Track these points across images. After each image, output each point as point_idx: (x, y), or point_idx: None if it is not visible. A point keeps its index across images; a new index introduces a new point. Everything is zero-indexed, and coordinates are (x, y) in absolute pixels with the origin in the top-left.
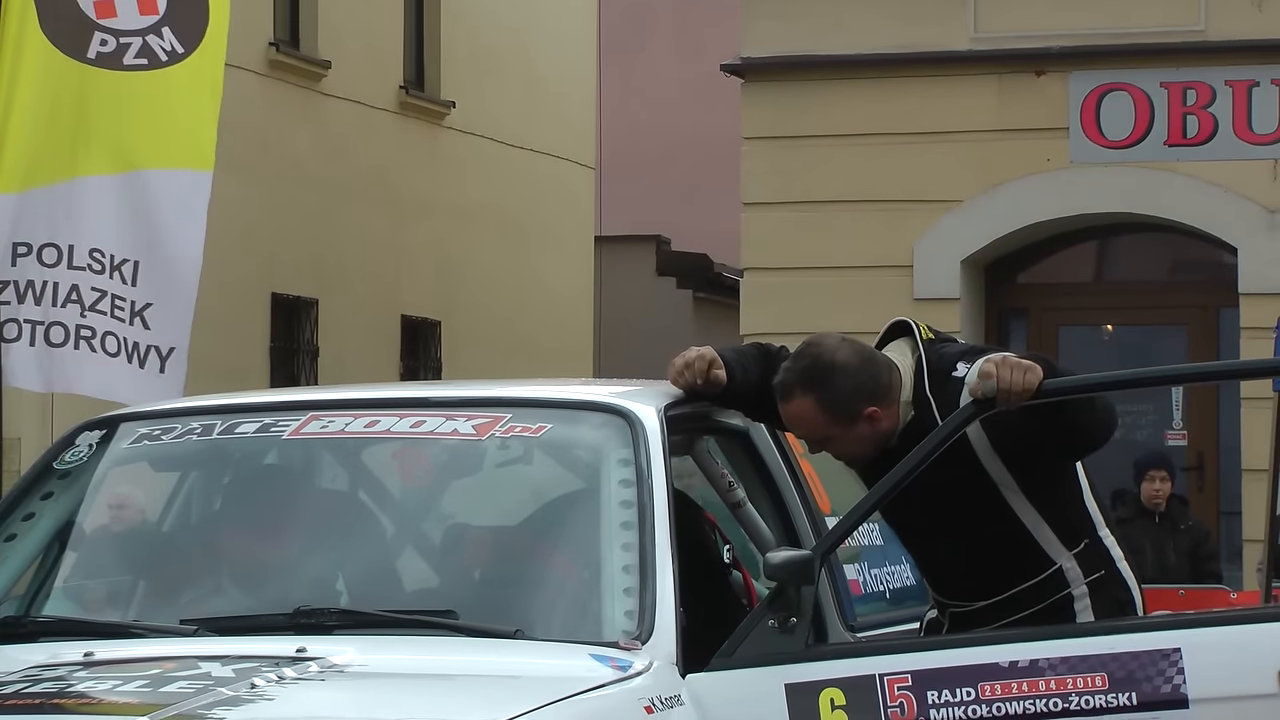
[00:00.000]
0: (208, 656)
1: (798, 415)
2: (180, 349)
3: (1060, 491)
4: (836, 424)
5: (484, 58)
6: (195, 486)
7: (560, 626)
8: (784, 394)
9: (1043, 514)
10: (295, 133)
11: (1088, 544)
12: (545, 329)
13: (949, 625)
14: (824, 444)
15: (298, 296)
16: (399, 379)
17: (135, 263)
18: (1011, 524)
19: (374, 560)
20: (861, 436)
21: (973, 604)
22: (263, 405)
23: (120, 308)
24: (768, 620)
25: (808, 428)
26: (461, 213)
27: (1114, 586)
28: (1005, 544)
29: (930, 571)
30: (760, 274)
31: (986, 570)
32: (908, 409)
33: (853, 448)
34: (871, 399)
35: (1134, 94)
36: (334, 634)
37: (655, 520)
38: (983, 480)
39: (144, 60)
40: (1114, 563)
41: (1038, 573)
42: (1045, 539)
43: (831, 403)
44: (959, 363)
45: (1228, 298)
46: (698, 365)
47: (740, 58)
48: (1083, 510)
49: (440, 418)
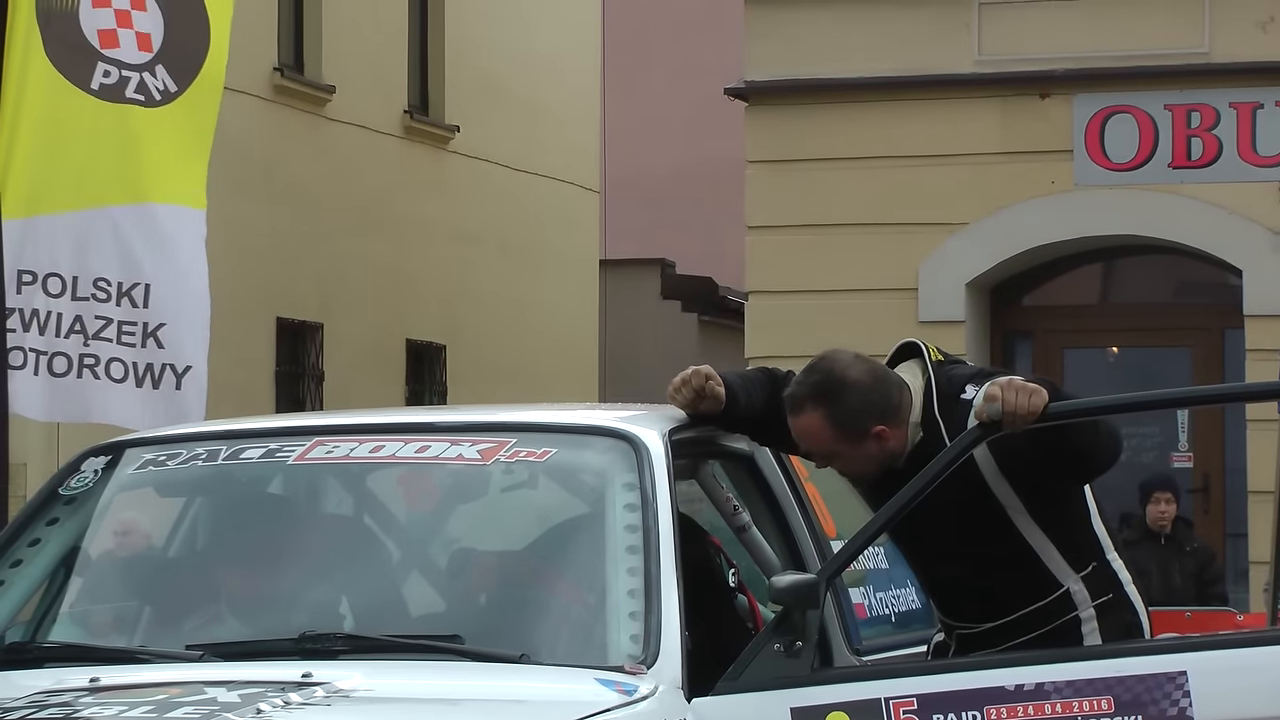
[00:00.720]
0: (213, 682)
1: (806, 429)
2: (198, 367)
3: (1067, 514)
4: (844, 440)
5: (488, 82)
6: (200, 512)
7: (566, 651)
8: (794, 407)
9: (1050, 536)
10: (299, 157)
11: (1095, 566)
12: (550, 353)
13: (955, 647)
14: (830, 460)
15: (303, 321)
16: (404, 403)
17: (146, 285)
18: (1018, 545)
19: (379, 585)
20: (869, 455)
21: (979, 626)
22: (268, 430)
23: (129, 333)
24: (773, 644)
25: (815, 442)
26: (466, 237)
27: (1122, 610)
28: (1012, 566)
29: (936, 593)
30: (765, 297)
31: (993, 592)
32: (916, 430)
33: (859, 465)
34: (881, 418)
35: (1138, 116)
36: (339, 659)
37: (660, 544)
38: (990, 502)
39: (141, 97)
40: (1122, 586)
41: (1045, 595)
42: (1052, 561)
43: (841, 419)
44: (968, 385)
45: (1233, 320)
46: (694, 381)
47: (743, 81)
48: (1090, 533)
49: (445, 442)
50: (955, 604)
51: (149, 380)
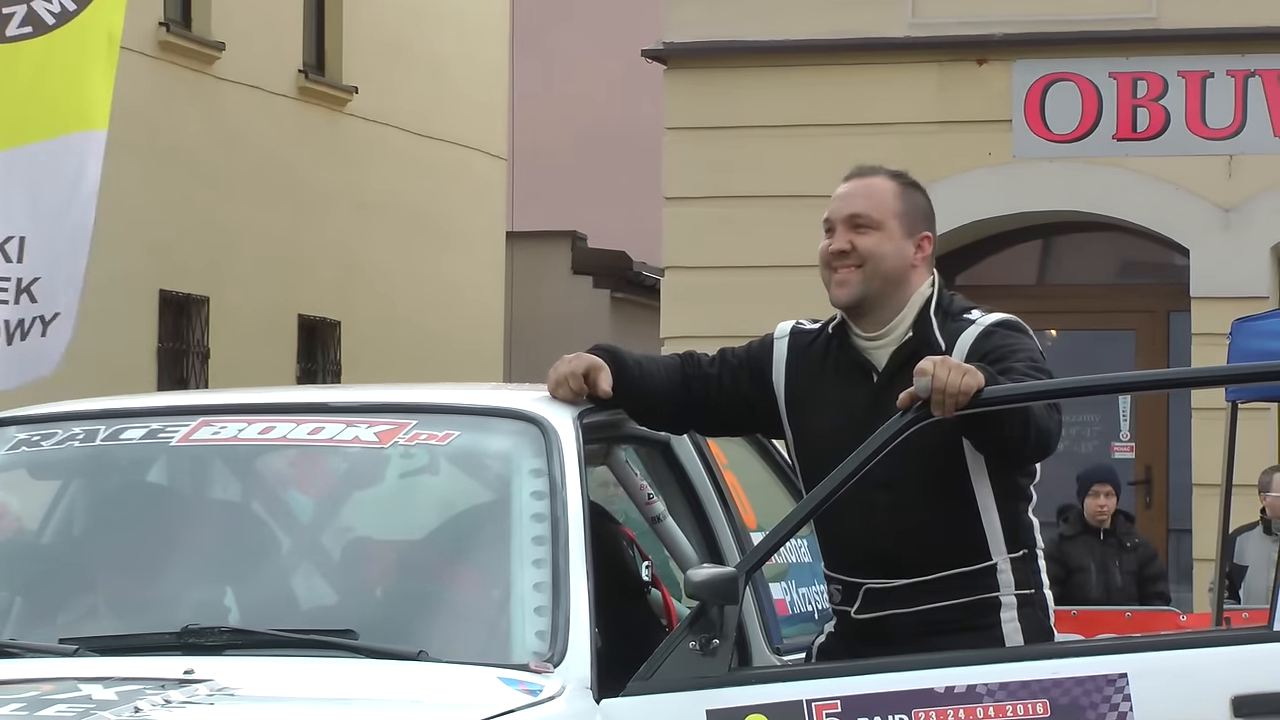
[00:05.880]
0: (89, 678)
1: (872, 186)
2: (66, 314)
3: (1019, 488)
4: (897, 220)
5: (389, 40)
6: (77, 496)
7: (467, 648)
8: (865, 170)
9: (997, 502)
10: (186, 119)
11: (1026, 555)
12: (453, 330)
13: (860, 604)
14: (862, 232)
15: (188, 294)
16: (296, 382)
17: (21, 238)
18: (964, 496)
19: (268, 576)
20: (902, 255)
21: (893, 581)
22: (150, 410)
23: (3, 289)
24: (689, 642)
25: (874, 201)
26: (364, 205)
27: (1041, 610)
28: (950, 515)
29: (851, 537)
30: (682, 273)
31: (919, 538)
32: (906, 329)
33: (884, 260)
34: (931, 231)
35: (1081, 85)
36: (224, 654)
37: (569, 535)
38: (956, 443)
39: (29, 29)
40: (1043, 585)
41: (972, 562)
42: (991, 529)
43: (909, 200)
44: (973, 309)
45: (1179, 302)
46: (572, 383)
47: (663, 43)
48: (1029, 519)
49: (340, 424)
50: (872, 550)
51: (18, 336)
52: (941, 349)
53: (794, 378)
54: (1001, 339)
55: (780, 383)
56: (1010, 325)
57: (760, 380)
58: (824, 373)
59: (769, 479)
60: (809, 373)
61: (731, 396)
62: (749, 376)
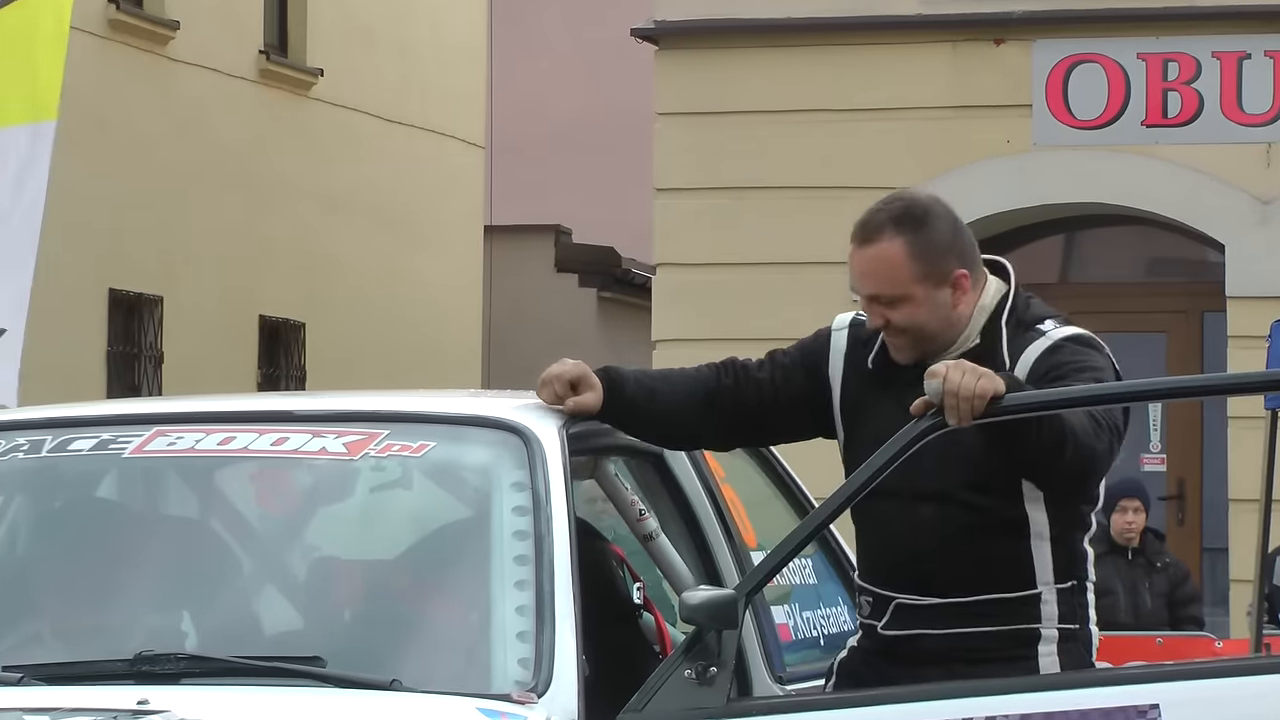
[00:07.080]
0: (34, 709)
1: (881, 258)
2: (14, 331)
3: (1079, 516)
4: (922, 279)
5: (357, 19)
6: (21, 512)
7: (443, 676)
8: (869, 233)
9: (1052, 529)
10: (138, 104)
11: (1074, 587)
12: (427, 333)
13: (888, 619)
14: (893, 306)
15: (140, 294)
16: (257, 389)
17: None
18: (1018, 518)
19: (228, 599)
20: (941, 305)
21: (926, 598)
22: (100, 419)
23: None
24: (684, 670)
25: (886, 277)
26: (330, 198)
27: (1084, 647)
28: (996, 539)
29: (888, 547)
30: (674, 270)
31: (962, 560)
32: (973, 334)
33: (925, 317)
34: (962, 262)
35: (1107, 66)
36: (181, 683)
37: (554, 554)
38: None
39: None
40: (1089, 621)
41: (1015, 589)
42: (1040, 557)
43: (924, 250)
44: (1047, 319)
45: (1213, 301)
46: (557, 387)
47: (653, 21)
48: (1084, 550)
49: (306, 434)
50: (907, 563)
51: None
52: (1005, 364)
53: (851, 374)
54: (1069, 354)
55: (837, 377)
56: (1081, 340)
57: (815, 376)
58: (881, 375)
59: (771, 493)
60: (866, 374)
61: (785, 399)
62: (804, 375)
